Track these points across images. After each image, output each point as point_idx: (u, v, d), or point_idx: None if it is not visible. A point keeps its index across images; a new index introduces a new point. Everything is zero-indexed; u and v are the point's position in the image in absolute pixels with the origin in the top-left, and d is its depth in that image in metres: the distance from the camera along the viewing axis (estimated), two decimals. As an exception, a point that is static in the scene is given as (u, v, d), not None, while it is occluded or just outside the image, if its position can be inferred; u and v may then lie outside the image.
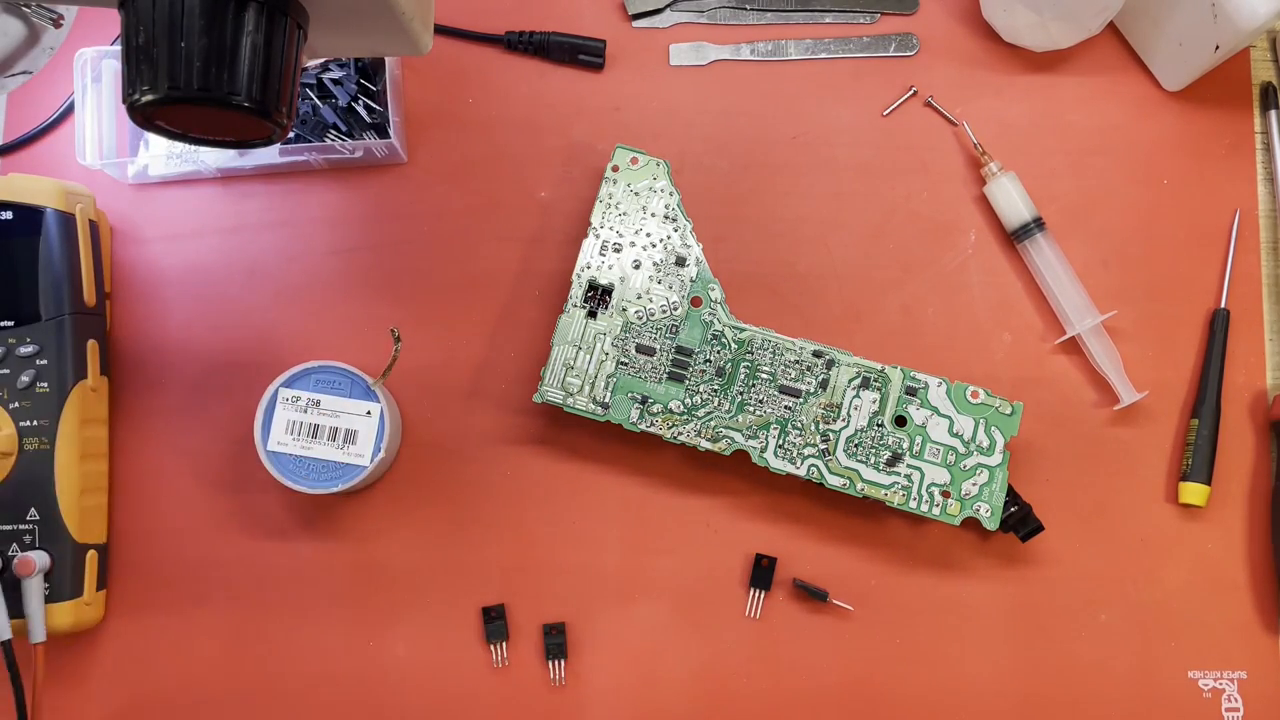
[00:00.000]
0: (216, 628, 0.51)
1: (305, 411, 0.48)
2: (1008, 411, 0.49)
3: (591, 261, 0.51)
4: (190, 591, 0.52)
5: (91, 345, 0.47)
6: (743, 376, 0.50)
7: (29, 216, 0.45)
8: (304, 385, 0.49)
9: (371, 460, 0.48)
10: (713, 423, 0.49)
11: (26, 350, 0.44)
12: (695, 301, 0.51)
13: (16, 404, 0.45)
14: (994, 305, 0.54)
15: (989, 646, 0.51)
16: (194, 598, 0.52)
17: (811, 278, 0.55)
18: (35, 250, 0.45)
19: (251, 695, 0.51)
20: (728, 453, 0.49)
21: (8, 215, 0.45)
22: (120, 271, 0.54)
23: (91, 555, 0.47)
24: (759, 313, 0.53)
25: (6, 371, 0.44)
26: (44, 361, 0.44)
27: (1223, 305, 0.54)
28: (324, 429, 0.48)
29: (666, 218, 0.51)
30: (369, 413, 0.49)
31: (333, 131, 0.53)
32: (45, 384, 0.45)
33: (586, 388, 0.50)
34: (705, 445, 0.49)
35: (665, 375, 0.50)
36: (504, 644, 0.51)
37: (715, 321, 0.50)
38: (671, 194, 0.51)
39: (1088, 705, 0.51)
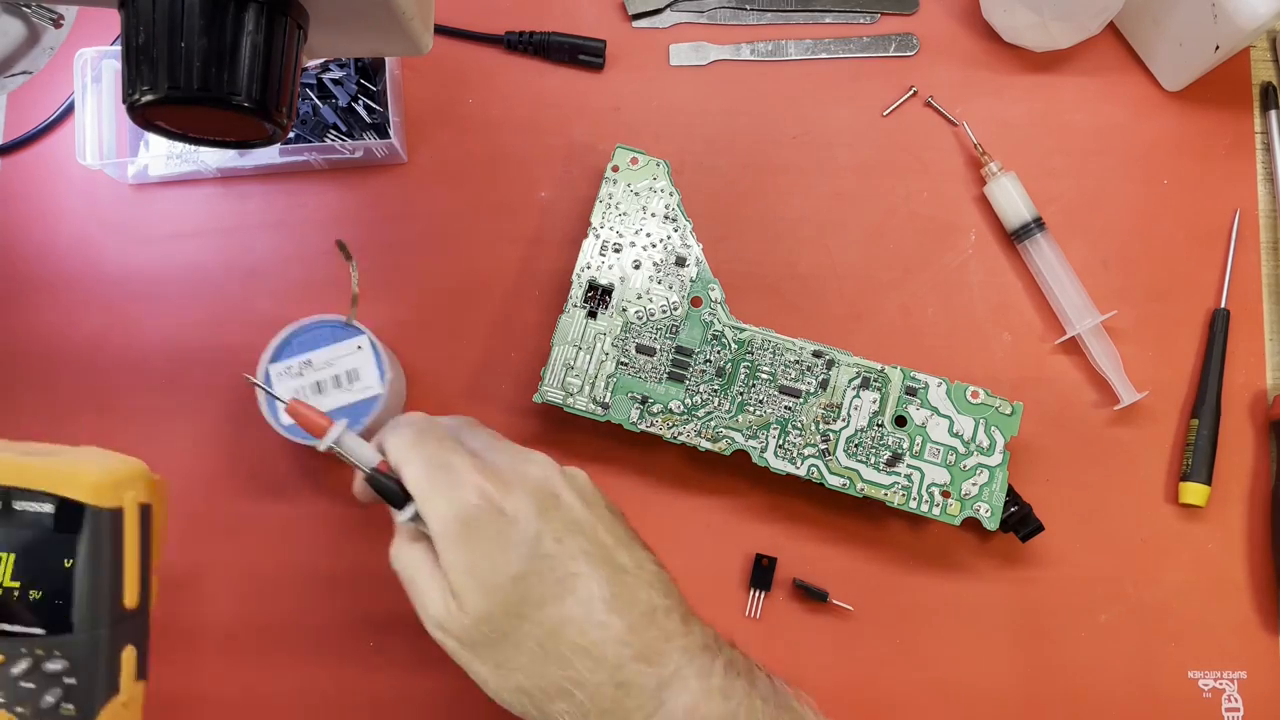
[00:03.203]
0: (217, 628, 0.51)
1: (301, 375, 0.49)
2: (1008, 411, 0.49)
3: (591, 261, 0.51)
4: (191, 590, 0.52)
5: (128, 653, 0.41)
6: (743, 376, 0.50)
7: (71, 512, 0.39)
8: (289, 353, 0.49)
9: (382, 382, 0.49)
10: (713, 423, 0.49)
11: (55, 666, 0.38)
12: (695, 301, 0.51)
13: None
14: (994, 305, 0.54)
15: (989, 646, 0.51)
16: (193, 599, 0.52)
17: (811, 278, 0.54)
18: (73, 551, 0.39)
19: (253, 703, 0.51)
20: (728, 453, 0.49)
21: (48, 508, 0.39)
22: (120, 271, 0.54)
23: None
24: (759, 313, 0.53)
25: (32, 686, 0.39)
26: (72, 680, 0.39)
27: (1223, 305, 0.54)
28: (326, 381, 0.49)
29: (666, 218, 0.51)
30: (359, 346, 0.49)
31: (333, 131, 0.53)
32: (71, 705, 0.39)
33: (586, 388, 0.50)
34: (705, 445, 0.49)
35: (665, 375, 0.50)
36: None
37: (715, 321, 0.50)
38: (671, 194, 0.51)
39: (1088, 705, 0.51)
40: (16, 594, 0.39)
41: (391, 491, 0.39)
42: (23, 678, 0.38)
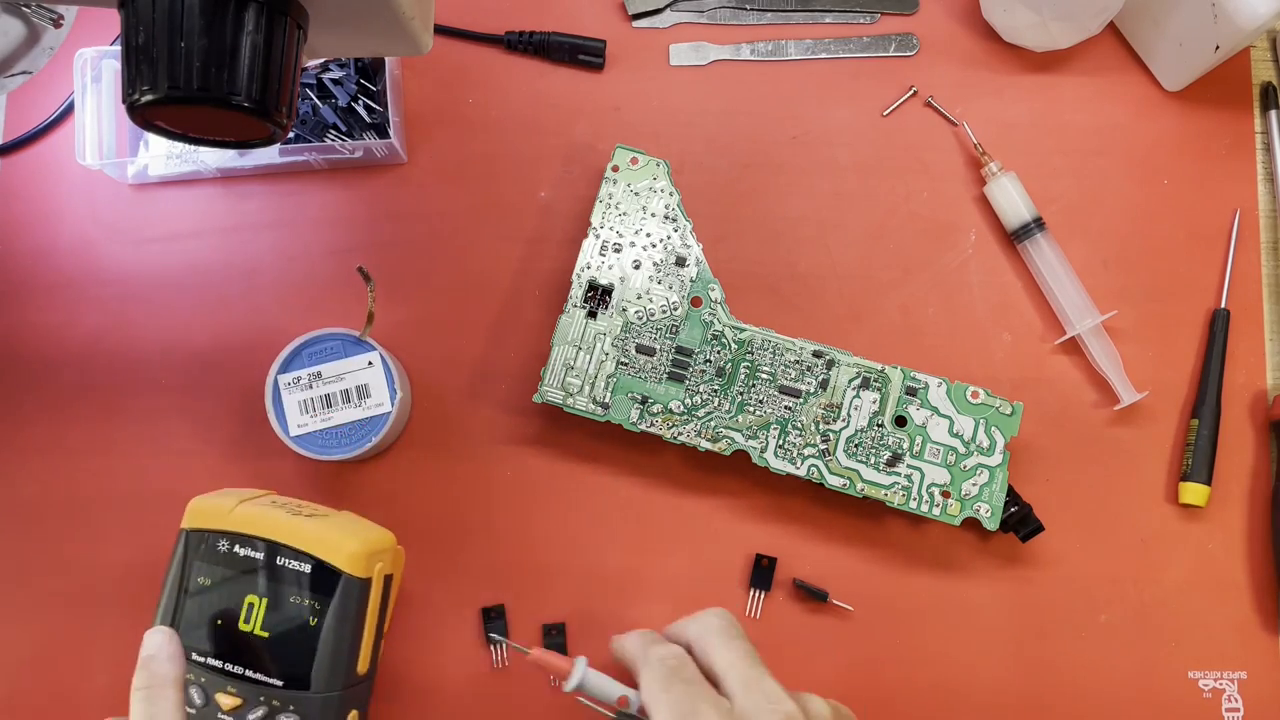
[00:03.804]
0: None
1: (310, 388, 0.49)
2: (1008, 411, 0.49)
3: (591, 261, 0.51)
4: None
5: (352, 717, 0.43)
6: (743, 376, 0.50)
7: (326, 575, 0.41)
8: (298, 365, 0.50)
9: (392, 402, 0.49)
10: (713, 423, 0.49)
11: None
12: (695, 301, 0.51)
13: None
14: (994, 305, 0.54)
15: (989, 646, 0.51)
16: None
17: (811, 278, 0.54)
18: (324, 614, 0.41)
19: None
20: (728, 453, 0.49)
21: (306, 568, 0.41)
22: (120, 271, 0.54)
23: None
24: (759, 313, 0.53)
25: None
26: None
27: (1223, 305, 0.54)
28: (335, 395, 0.49)
29: (666, 218, 0.51)
30: (370, 363, 0.49)
31: (333, 131, 0.53)
32: None
33: (586, 388, 0.50)
34: (705, 445, 0.49)
35: (665, 375, 0.50)
36: (504, 644, 0.51)
37: (715, 321, 0.50)
38: (671, 194, 0.51)
39: (1088, 705, 0.51)
40: (265, 643, 0.41)
41: None
42: None
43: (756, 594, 0.51)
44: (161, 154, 0.54)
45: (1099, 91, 0.56)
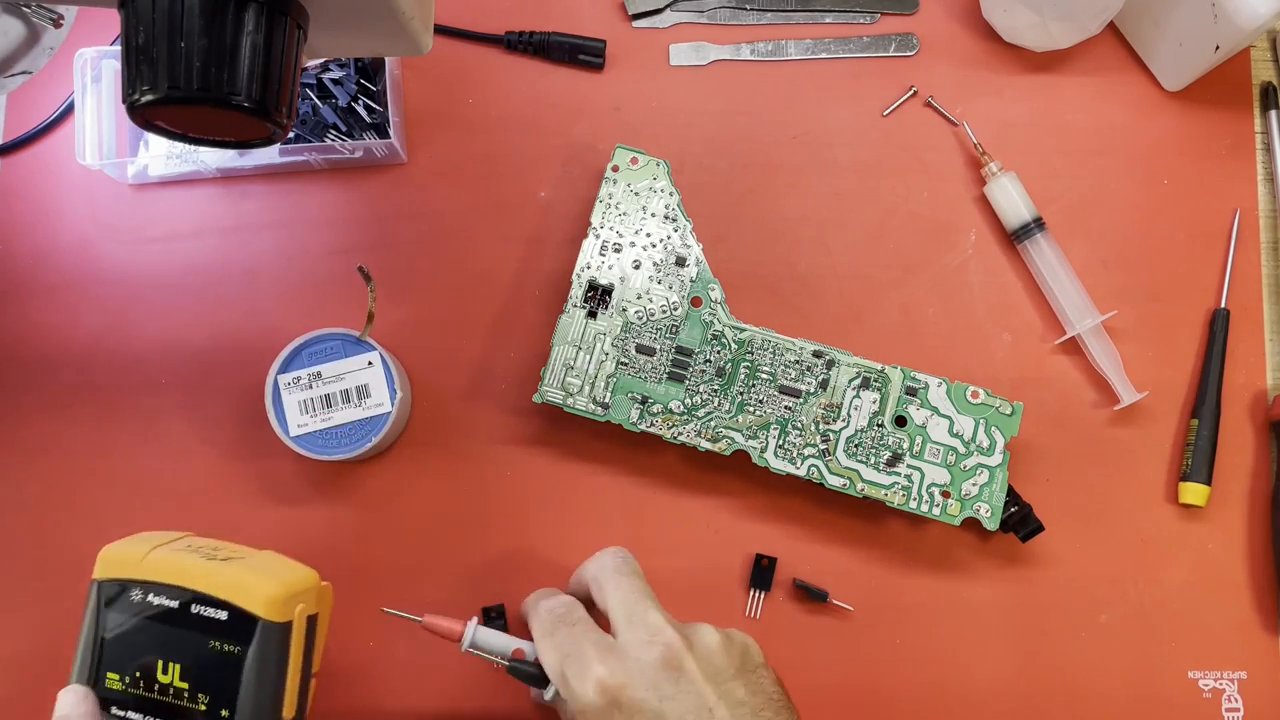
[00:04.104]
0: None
1: (310, 388, 0.49)
2: (1008, 411, 0.49)
3: (591, 261, 0.51)
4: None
5: None
6: (743, 376, 0.50)
7: (244, 621, 0.40)
8: (298, 364, 0.50)
9: (392, 402, 0.49)
10: (713, 423, 0.49)
11: None
12: (695, 301, 0.51)
13: None
14: (994, 305, 0.54)
15: (989, 646, 0.51)
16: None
17: (811, 278, 0.54)
18: (243, 661, 0.39)
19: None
20: (728, 453, 0.49)
21: (222, 615, 0.40)
22: (120, 271, 0.54)
23: None
24: (759, 313, 0.53)
25: None
26: None
27: (1223, 305, 0.54)
28: (335, 395, 0.49)
29: (666, 218, 0.51)
30: (370, 363, 0.50)
31: (333, 131, 0.53)
32: None
33: (586, 388, 0.50)
34: (705, 445, 0.49)
35: (665, 375, 0.50)
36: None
37: (715, 321, 0.50)
38: (671, 194, 0.51)
39: (1088, 705, 0.51)
40: (186, 693, 0.40)
41: (531, 676, 0.43)
42: None
43: (756, 594, 0.51)
44: (161, 154, 0.54)
45: (1099, 91, 0.56)
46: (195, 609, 0.40)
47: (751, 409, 0.50)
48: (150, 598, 0.40)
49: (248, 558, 0.42)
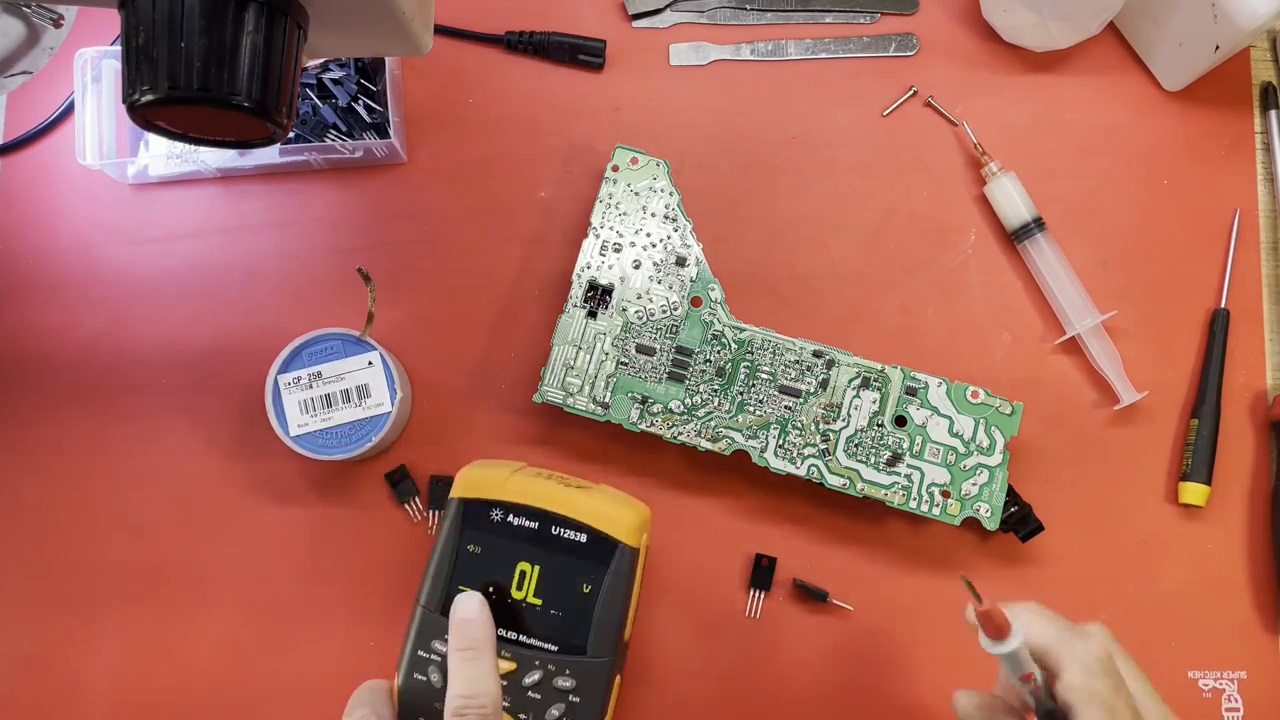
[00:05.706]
0: (217, 630, 0.52)
1: (310, 387, 0.49)
2: (1008, 411, 0.49)
3: (591, 261, 0.51)
4: (191, 592, 0.52)
5: (617, 682, 0.43)
6: (743, 376, 0.50)
7: (602, 545, 0.42)
8: (298, 365, 0.50)
9: (392, 402, 0.49)
10: (713, 423, 0.49)
11: (564, 684, 0.41)
12: (695, 301, 0.51)
13: None
14: (994, 305, 0.54)
15: (989, 646, 0.51)
16: (195, 598, 0.52)
17: (811, 278, 0.54)
18: (600, 584, 0.42)
19: (252, 698, 0.51)
20: (728, 453, 0.49)
21: (581, 538, 0.42)
22: (120, 271, 0.54)
23: None
24: (759, 313, 0.53)
25: (538, 698, 0.41)
26: (576, 699, 0.41)
27: (1223, 305, 0.54)
28: (335, 395, 0.49)
29: (666, 218, 0.51)
30: (370, 362, 0.50)
31: (333, 131, 0.53)
32: None
33: (586, 388, 0.50)
34: (705, 445, 0.49)
35: (665, 375, 0.50)
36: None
37: (715, 321, 0.50)
38: (671, 194, 0.51)
39: (1088, 705, 0.51)
40: (538, 610, 0.42)
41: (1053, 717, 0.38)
42: (532, 689, 0.41)
43: (756, 594, 0.51)
44: (161, 154, 0.54)
45: (1099, 91, 0.56)
46: (555, 531, 0.42)
47: (751, 409, 0.50)
48: (510, 518, 0.43)
49: (594, 489, 0.45)
